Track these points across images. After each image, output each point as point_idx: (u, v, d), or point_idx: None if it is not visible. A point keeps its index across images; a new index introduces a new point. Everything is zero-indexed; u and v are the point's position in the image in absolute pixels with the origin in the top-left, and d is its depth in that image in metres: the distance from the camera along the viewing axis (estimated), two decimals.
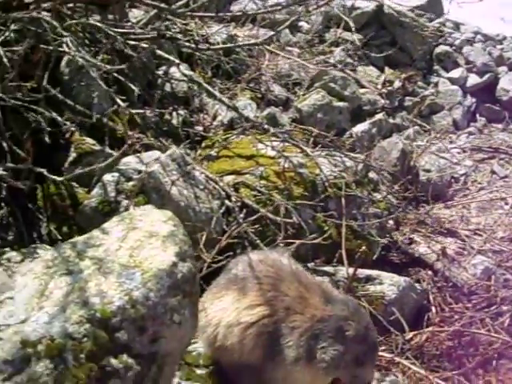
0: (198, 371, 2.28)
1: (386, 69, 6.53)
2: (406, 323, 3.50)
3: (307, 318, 2.06)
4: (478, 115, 6.33)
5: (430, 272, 4.24)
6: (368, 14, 6.73)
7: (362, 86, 6.03)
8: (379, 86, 6.18)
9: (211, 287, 2.34)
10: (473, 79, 6.54)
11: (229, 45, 5.15)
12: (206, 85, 4.32)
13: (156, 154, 3.47)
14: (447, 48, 6.83)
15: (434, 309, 3.83)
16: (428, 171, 5.11)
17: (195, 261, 1.95)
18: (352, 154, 4.31)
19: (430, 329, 3.53)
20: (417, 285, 3.92)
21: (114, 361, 1.50)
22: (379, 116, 5.61)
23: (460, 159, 5.51)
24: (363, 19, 6.70)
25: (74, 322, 1.51)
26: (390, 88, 6.16)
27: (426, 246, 4.48)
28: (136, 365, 1.54)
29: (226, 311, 2.14)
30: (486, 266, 4.33)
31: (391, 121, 5.81)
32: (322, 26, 6.74)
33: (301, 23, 6.79)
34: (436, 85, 6.52)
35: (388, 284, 3.55)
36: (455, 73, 6.59)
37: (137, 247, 1.75)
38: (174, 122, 4.31)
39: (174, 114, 4.35)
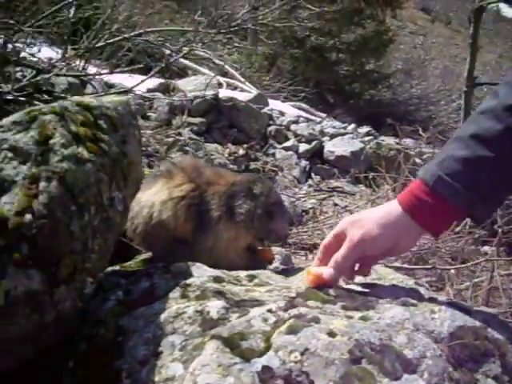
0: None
1: (229, 145, 7.38)
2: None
3: (223, 184, 2.48)
4: (313, 174, 7.31)
5: None
6: (208, 102, 7.66)
7: (211, 155, 6.76)
8: (226, 155, 6.96)
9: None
10: (303, 147, 7.62)
11: None
12: None
13: None
14: (277, 127, 7.91)
15: None
16: None
17: None
18: None
19: None
20: None
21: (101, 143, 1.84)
22: None
23: (305, 200, 6.29)
24: (204, 107, 7.62)
25: None
26: (236, 155, 6.95)
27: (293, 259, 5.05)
28: (112, 154, 1.88)
29: (157, 193, 2.45)
30: None
31: None
32: (168, 115, 7.53)
33: (148, 113, 7.52)
34: (273, 155, 7.46)
35: None
36: (288, 143, 7.63)
37: None
38: None
39: None
